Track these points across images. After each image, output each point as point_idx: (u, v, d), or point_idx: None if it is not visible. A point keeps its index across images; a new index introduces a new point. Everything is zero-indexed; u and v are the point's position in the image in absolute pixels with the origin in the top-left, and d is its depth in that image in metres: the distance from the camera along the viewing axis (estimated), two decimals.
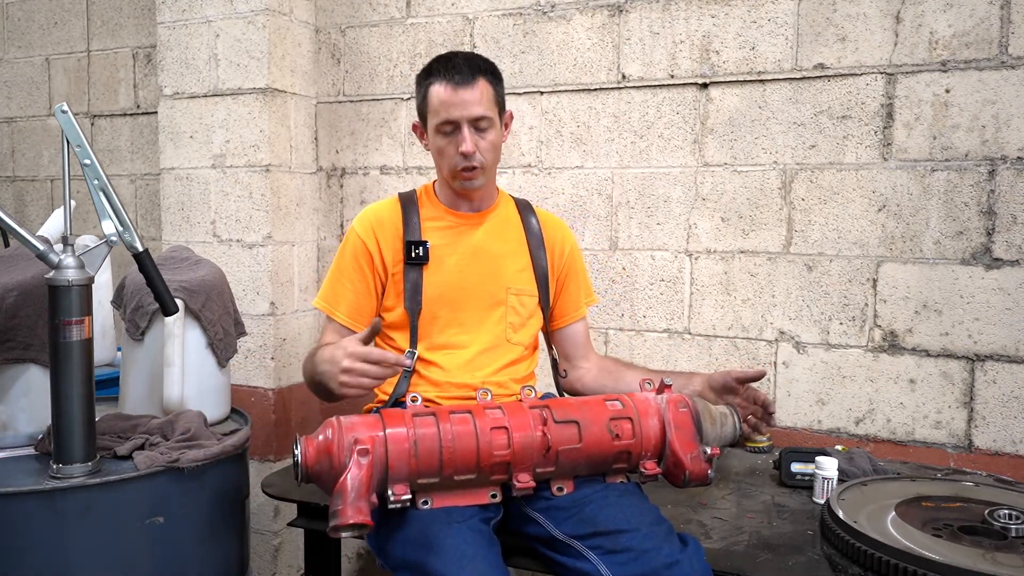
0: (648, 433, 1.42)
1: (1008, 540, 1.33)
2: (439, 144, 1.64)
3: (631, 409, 1.43)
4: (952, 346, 1.97)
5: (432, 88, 1.61)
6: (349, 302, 1.70)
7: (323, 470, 1.28)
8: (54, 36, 3.09)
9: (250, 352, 2.50)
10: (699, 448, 1.41)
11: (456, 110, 1.59)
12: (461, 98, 1.58)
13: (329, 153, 2.67)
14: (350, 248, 1.71)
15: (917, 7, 1.95)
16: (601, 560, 1.33)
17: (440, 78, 1.60)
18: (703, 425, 1.44)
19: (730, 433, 1.51)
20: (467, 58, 1.63)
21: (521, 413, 1.38)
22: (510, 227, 1.77)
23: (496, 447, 1.33)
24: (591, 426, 1.39)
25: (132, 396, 1.86)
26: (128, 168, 3.00)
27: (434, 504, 1.34)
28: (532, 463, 1.36)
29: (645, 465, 1.42)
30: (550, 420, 1.37)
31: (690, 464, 1.39)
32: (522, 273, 1.74)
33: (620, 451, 1.41)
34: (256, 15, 2.43)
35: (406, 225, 1.70)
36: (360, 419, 1.32)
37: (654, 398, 1.47)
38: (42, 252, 1.47)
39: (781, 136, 2.09)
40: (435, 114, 1.61)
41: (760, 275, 2.14)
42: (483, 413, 1.37)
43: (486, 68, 1.64)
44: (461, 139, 1.60)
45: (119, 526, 1.51)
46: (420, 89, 1.66)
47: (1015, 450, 1.92)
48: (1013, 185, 1.89)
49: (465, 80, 1.59)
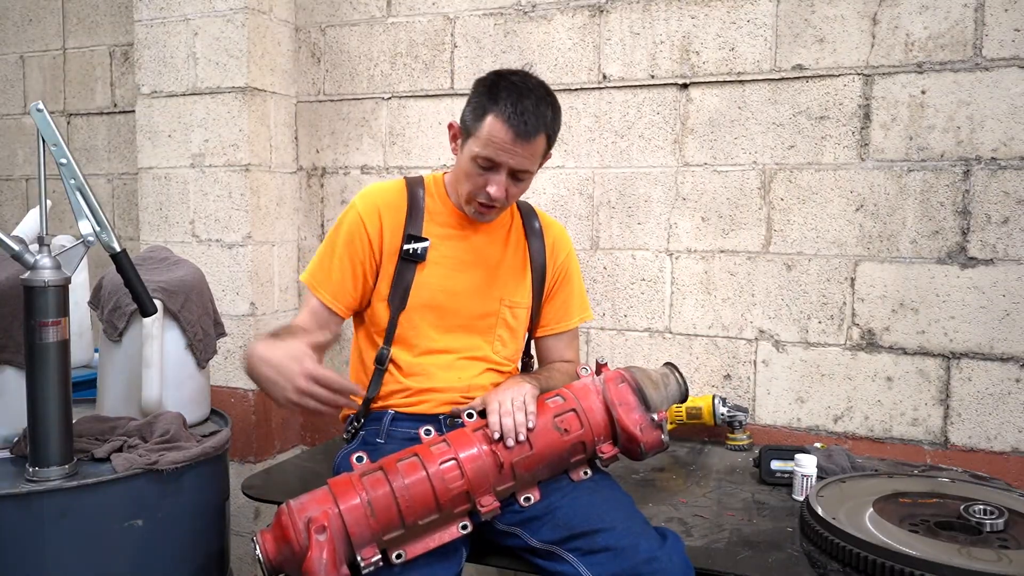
0: (594, 418, 1.42)
1: (983, 535, 1.35)
2: (470, 170, 1.54)
3: (572, 400, 1.44)
4: (928, 344, 2.00)
5: (490, 119, 1.49)
6: (335, 281, 1.61)
7: (286, 558, 1.27)
8: (29, 33, 3.05)
9: (230, 353, 2.48)
10: (646, 417, 1.42)
11: (504, 156, 1.50)
12: (515, 148, 1.49)
13: (309, 152, 2.65)
14: (347, 225, 1.62)
15: (893, 9, 1.97)
16: (580, 561, 1.32)
17: (503, 116, 1.48)
18: (646, 393, 1.44)
19: (675, 391, 1.52)
20: (538, 102, 1.51)
21: (466, 439, 1.38)
22: (513, 231, 1.72)
23: (450, 481, 1.32)
24: (538, 429, 1.39)
25: (110, 398, 1.84)
26: (105, 167, 2.97)
27: (408, 555, 1.31)
28: (490, 484, 1.35)
29: (601, 449, 1.43)
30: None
31: (642, 435, 1.40)
32: (518, 283, 1.70)
33: (573, 444, 1.41)
34: (235, 13, 2.41)
35: (410, 215, 1.62)
36: (309, 497, 1.31)
37: (592, 381, 1.48)
38: (17, 252, 1.45)
39: (760, 136, 2.11)
40: (482, 145, 1.51)
41: (740, 274, 2.16)
42: (429, 452, 1.35)
43: (551, 122, 1.54)
44: (495, 181, 1.52)
45: (97, 529, 1.49)
46: (477, 105, 1.53)
47: (990, 446, 1.95)
48: (987, 185, 1.92)
49: (527, 134, 1.49)
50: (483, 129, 1.50)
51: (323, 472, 1.87)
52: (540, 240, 1.73)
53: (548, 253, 1.74)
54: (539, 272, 1.72)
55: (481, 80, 1.57)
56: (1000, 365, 1.93)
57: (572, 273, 1.79)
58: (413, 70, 2.48)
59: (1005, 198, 1.91)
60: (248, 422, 2.48)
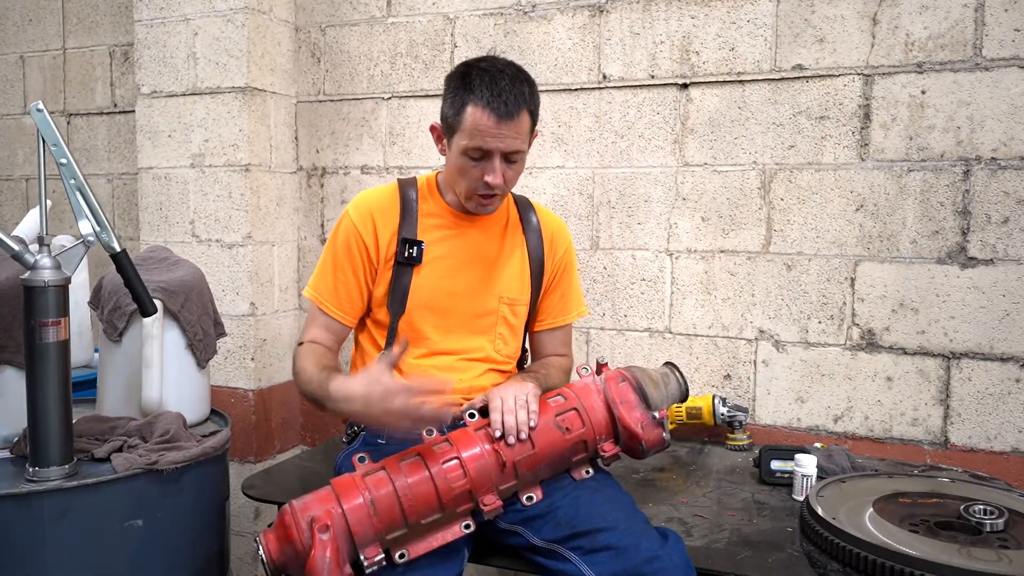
0: (596, 417, 1.42)
1: (983, 535, 1.35)
2: (462, 164, 1.53)
3: (573, 399, 1.44)
4: (928, 344, 2.00)
5: (470, 109, 1.48)
6: (340, 294, 1.61)
7: (289, 558, 1.27)
8: (29, 33, 3.05)
9: (230, 353, 2.48)
10: (648, 416, 1.42)
11: (493, 142, 1.48)
12: (501, 131, 1.47)
13: (309, 152, 2.65)
14: (343, 235, 1.62)
15: (893, 9, 1.97)
16: (582, 560, 1.32)
17: (482, 102, 1.46)
18: (647, 391, 1.44)
19: (676, 390, 1.52)
20: (512, 81, 1.49)
21: (469, 439, 1.38)
22: (510, 227, 1.71)
23: (453, 480, 1.32)
24: (540, 428, 1.39)
25: (110, 398, 1.84)
26: (105, 167, 2.97)
27: (411, 554, 1.31)
28: (493, 483, 1.35)
29: (603, 448, 1.43)
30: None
31: (644, 433, 1.40)
32: (517, 280, 1.68)
33: (575, 443, 1.41)
34: (235, 13, 2.41)
35: (403, 219, 1.61)
36: (312, 496, 1.31)
37: (593, 380, 1.48)
38: (17, 252, 1.45)
39: (760, 136, 2.11)
40: (468, 137, 1.49)
41: (740, 274, 2.16)
42: (431, 451, 1.36)
43: (530, 97, 1.52)
44: (490, 169, 1.50)
45: (97, 529, 1.49)
46: (455, 100, 1.51)
47: (990, 446, 1.95)
48: (987, 185, 1.92)
49: (509, 114, 1.46)
50: (466, 121, 1.49)
51: (323, 472, 1.87)
52: (538, 234, 1.72)
53: (547, 247, 1.72)
54: (537, 267, 1.71)
55: (451, 75, 1.56)
56: (1000, 365, 1.93)
57: (571, 268, 1.78)
58: (413, 70, 2.48)
59: (1005, 198, 1.91)
60: (248, 422, 2.48)
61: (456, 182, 1.58)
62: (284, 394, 2.60)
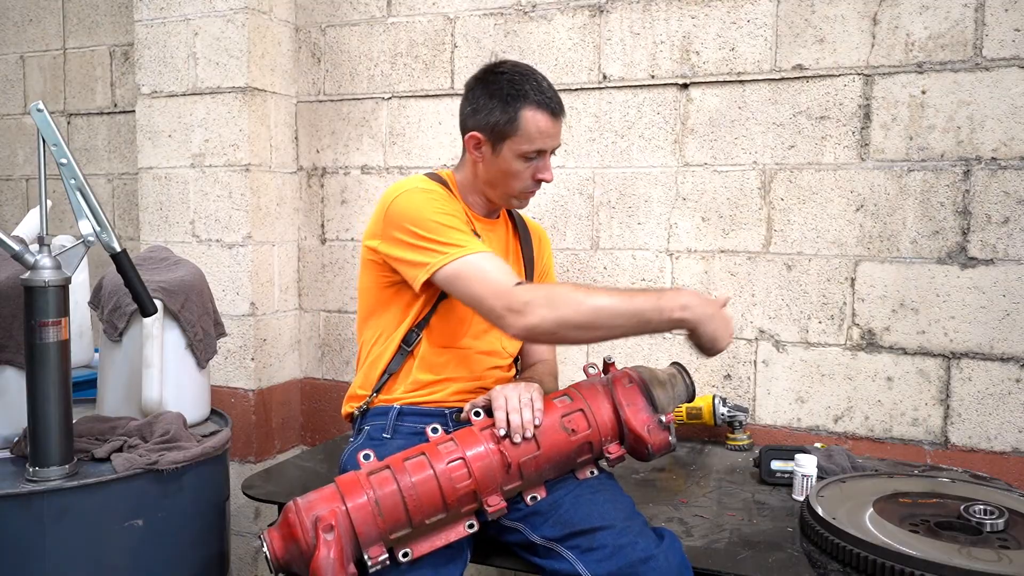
0: (602, 419, 1.41)
1: (983, 535, 1.35)
2: (518, 167, 1.57)
3: (580, 400, 1.43)
4: (928, 344, 2.00)
5: (528, 112, 1.53)
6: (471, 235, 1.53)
7: (294, 557, 1.27)
8: (29, 33, 3.05)
9: (230, 353, 2.48)
10: (654, 418, 1.40)
11: (551, 141, 1.58)
12: (556, 130, 1.57)
13: (310, 152, 2.65)
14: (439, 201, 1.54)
15: (893, 9, 1.97)
16: (578, 559, 1.33)
17: (537, 104, 1.54)
18: (654, 393, 1.43)
19: (683, 391, 1.50)
20: (546, 80, 1.59)
21: (473, 438, 1.37)
22: (508, 230, 1.77)
23: (457, 480, 1.32)
24: (545, 429, 1.38)
25: (110, 398, 1.84)
26: (105, 167, 2.97)
27: (415, 553, 1.31)
28: (497, 484, 1.35)
29: (608, 449, 1.42)
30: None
31: (650, 437, 1.39)
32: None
33: (580, 444, 1.40)
34: (235, 13, 2.41)
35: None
36: (317, 495, 1.31)
37: (600, 381, 1.47)
38: (17, 252, 1.45)
39: (760, 136, 2.11)
40: (528, 140, 1.54)
41: (740, 274, 2.16)
42: (436, 450, 1.35)
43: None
44: (544, 167, 1.59)
45: (97, 529, 1.49)
46: (504, 106, 1.54)
47: (990, 446, 1.95)
48: (987, 185, 1.92)
49: (562, 109, 1.58)
50: (524, 125, 1.54)
51: (323, 472, 1.88)
52: (528, 237, 1.79)
53: (536, 250, 1.79)
54: (530, 268, 1.77)
55: (483, 80, 1.58)
56: (1000, 365, 1.93)
57: (552, 271, 1.86)
58: (413, 70, 2.48)
59: (1005, 198, 1.91)
60: (248, 422, 2.48)
61: (504, 185, 1.61)
62: (284, 394, 2.60)
